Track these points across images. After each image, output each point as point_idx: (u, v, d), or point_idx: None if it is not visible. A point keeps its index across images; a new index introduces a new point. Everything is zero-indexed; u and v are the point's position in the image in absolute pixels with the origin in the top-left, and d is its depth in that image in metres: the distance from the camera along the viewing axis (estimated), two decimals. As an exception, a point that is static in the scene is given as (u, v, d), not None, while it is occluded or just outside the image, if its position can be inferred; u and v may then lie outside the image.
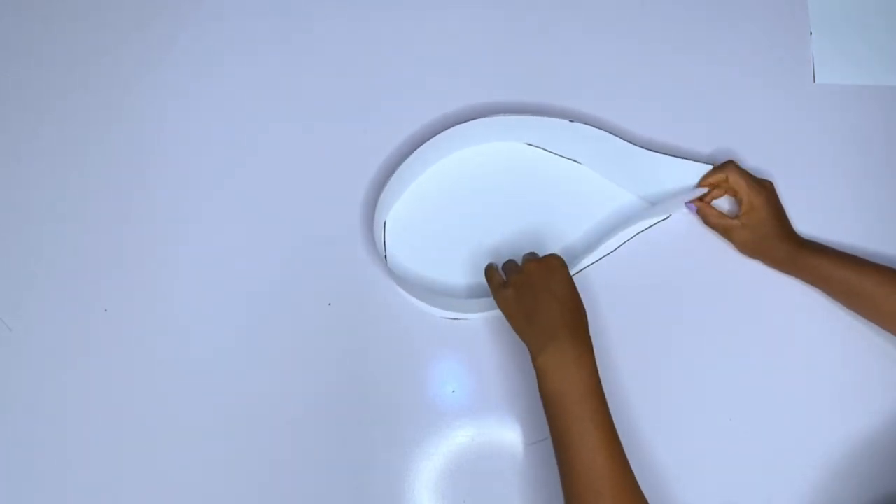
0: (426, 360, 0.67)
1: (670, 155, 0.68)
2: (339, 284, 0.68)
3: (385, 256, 0.69)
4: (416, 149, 0.67)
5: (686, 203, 0.69)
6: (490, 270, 0.64)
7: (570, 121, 0.67)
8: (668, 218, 0.70)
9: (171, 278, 0.69)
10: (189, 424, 0.65)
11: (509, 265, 0.63)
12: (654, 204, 0.70)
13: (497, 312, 0.67)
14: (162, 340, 0.67)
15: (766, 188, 0.67)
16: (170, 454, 0.65)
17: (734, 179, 0.67)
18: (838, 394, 0.66)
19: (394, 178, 0.66)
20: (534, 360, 0.56)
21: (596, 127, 0.67)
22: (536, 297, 0.58)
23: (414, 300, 0.67)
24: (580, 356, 0.56)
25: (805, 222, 0.70)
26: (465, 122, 0.67)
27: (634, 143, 0.67)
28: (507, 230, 0.71)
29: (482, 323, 0.68)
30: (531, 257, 0.63)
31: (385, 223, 0.70)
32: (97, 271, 0.69)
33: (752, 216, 0.66)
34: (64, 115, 0.73)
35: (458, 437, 0.65)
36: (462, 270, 0.69)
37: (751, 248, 0.68)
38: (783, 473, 0.64)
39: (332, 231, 0.70)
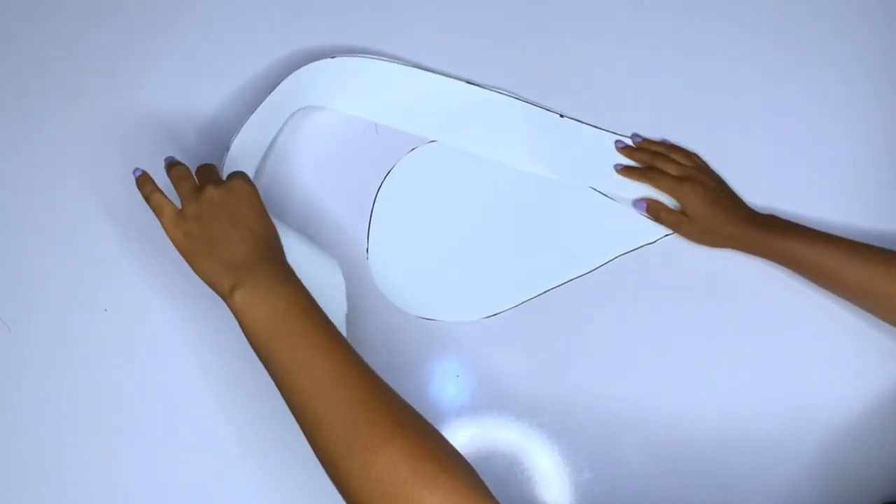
0: (426, 360, 0.67)
1: (593, 126, 0.69)
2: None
3: (367, 249, 0.69)
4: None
5: (635, 202, 0.69)
6: (158, 198, 0.53)
7: (562, 116, 0.68)
8: (654, 243, 0.69)
9: (171, 278, 0.69)
10: (188, 424, 0.65)
11: (185, 189, 0.54)
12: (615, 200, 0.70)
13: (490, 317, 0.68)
14: (162, 340, 0.67)
15: (688, 181, 0.66)
16: (169, 453, 0.65)
17: (657, 183, 0.67)
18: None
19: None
20: (229, 300, 0.49)
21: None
22: (222, 229, 0.51)
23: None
24: (284, 281, 0.49)
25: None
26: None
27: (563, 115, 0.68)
28: (491, 235, 0.70)
29: (483, 323, 0.68)
30: (208, 177, 0.54)
31: (370, 223, 0.69)
32: (97, 271, 0.69)
33: (687, 209, 0.66)
34: (64, 115, 0.73)
35: (458, 437, 0.65)
36: (446, 274, 0.69)
37: (705, 240, 0.67)
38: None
39: (332, 233, 0.70)
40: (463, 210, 0.70)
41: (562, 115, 0.71)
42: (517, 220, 0.70)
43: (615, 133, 0.71)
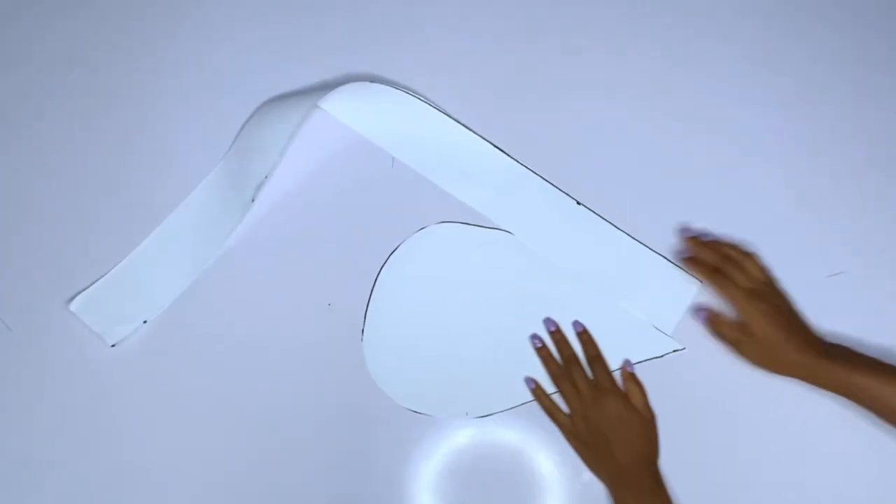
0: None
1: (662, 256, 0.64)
2: (339, 285, 0.68)
3: (363, 331, 0.67)
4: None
5: (694, 310, 0.64)
6: (551, 408, 0.64)
7: (578, 203, 0.66)
8: (661, 357, 0.64)
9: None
10: (188, 424, 0.65)
11: (584, 389, 0.62)
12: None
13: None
14: (161, 340, 0.67)
15: (759, 298, 0.60)
16: (170, 453, 0.65)
17: (725, 291, 0.61)
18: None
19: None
20: (612, 491, 0.60)
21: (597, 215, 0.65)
22: (614, 440, 0.60)
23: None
24: (656, 487, 0.59)
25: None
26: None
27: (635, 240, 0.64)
28: (493, 331, 0.66)
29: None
30: (606, 382, 0.62)
31: (368, 304, 0.67)
32: (97, 271, 0.69)
33: (753, 328, 0.60)
34: (65, 114, 0.73)
35: (458, 437, 0.65)
36: (441, 368, 0.67)
37: (765, 364, 0.61)
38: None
39: (332, 232, 0.70)
40: (466, 302, 0.67)
41: (578, 202, 0.66)
42: (520, 318, 0.66)
43: (628, 234, 0.66)
